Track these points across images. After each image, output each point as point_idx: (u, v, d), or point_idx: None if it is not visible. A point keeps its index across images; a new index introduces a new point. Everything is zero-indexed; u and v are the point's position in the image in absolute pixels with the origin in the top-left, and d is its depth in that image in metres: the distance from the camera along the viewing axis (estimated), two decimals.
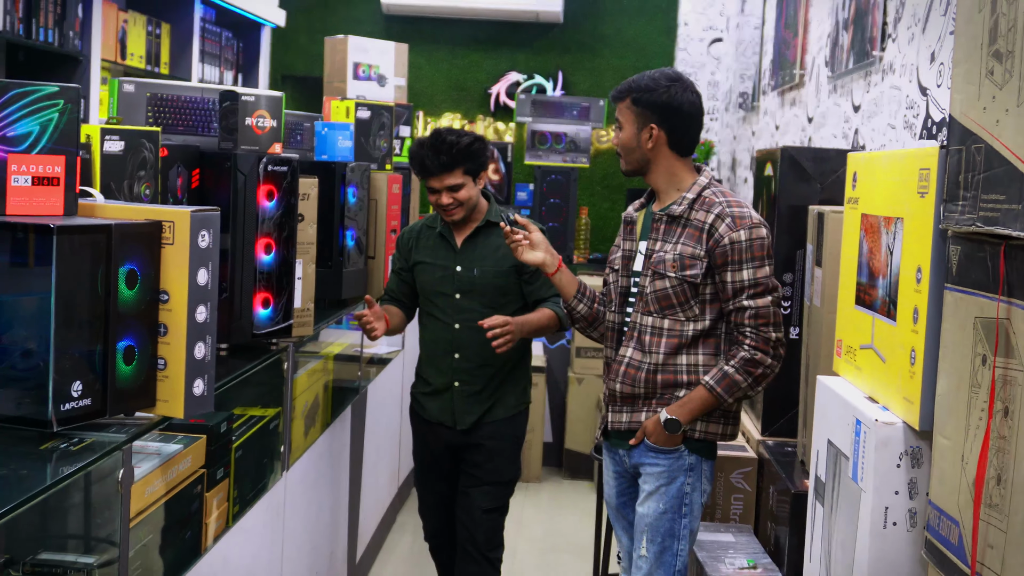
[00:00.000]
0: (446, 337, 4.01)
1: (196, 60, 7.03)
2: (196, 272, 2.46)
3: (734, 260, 3.13)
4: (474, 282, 3.97)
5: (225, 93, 3.48)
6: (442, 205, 3.91)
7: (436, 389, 4.06)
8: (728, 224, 3.14)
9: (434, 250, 4.05)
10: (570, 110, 7.73)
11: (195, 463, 2.88)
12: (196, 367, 2.49)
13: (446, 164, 3.84)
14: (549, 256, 3.46)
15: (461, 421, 4.02)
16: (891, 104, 3.85)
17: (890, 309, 2.47)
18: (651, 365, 3.21)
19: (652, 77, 3.24)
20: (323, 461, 4.15)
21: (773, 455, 3.68)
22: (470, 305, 3.97)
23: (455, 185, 3.88)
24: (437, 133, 3.89)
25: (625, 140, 3.28)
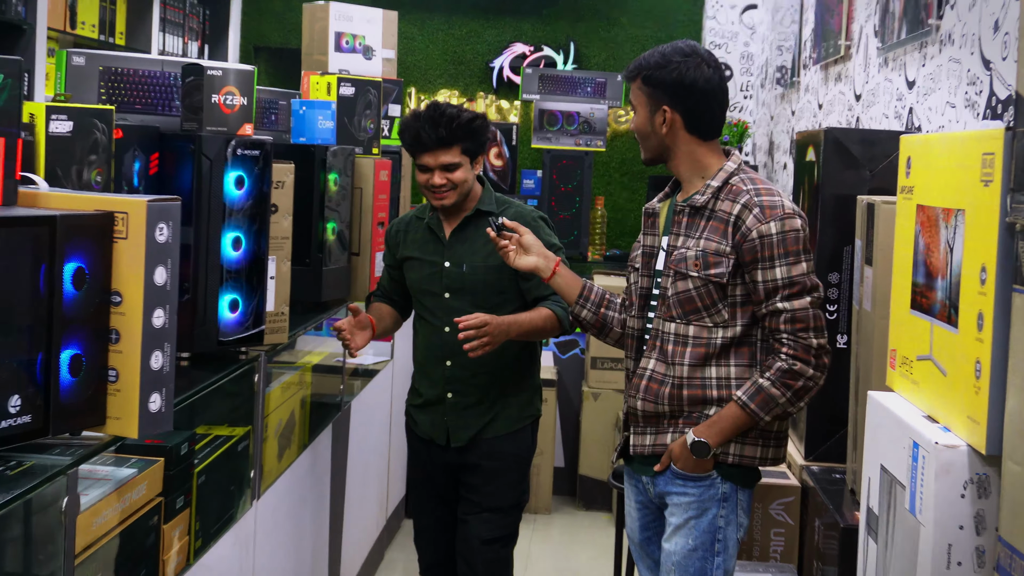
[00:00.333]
0: (436, 342, 4.03)
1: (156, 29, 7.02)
2: (153, 270, 2.45)
3: (765, 256, 3.12)
4: (464, 279, 4.00)
5: (189, 67, 3.47)
6: (433, 186, 3.92)
7: (428, 401, 4.07)
8: (756, 215, 3.14)
9: (422, 244, 4.07)
10: (583, 86, 7.71)
11: (151, 490, 2.86)
12: (153, 379, 2.48)
13: (444, 139, 3.86)
14: (543, 260, 3.49)
15: (456, 438, 4.03)
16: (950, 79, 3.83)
17: (951, 314, 2.46)
18: (675, 379, 3.20)
19: (662, 52, 3.25)
20: (300, 488, 4.14)
21: (819, 483, 3.66)
22: (460, 306, 3.96)
23: (451, 164, 3.90)
24: (436, 105, 3.92)
25: (639, 125, 3.30)
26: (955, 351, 2.43)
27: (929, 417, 2.55)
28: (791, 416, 3.27)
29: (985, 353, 2.28)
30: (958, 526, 2.34)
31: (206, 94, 3.43)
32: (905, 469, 2.51)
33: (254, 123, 3.57)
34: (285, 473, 3.94)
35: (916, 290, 2.69)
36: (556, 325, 3.91)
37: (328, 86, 5.00)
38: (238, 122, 3.50)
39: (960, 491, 2.33)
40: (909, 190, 2.77)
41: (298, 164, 3.93)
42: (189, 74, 3.46)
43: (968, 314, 2.37)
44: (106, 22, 6.65)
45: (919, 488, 2.42)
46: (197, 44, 7.72)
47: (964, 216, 2.42)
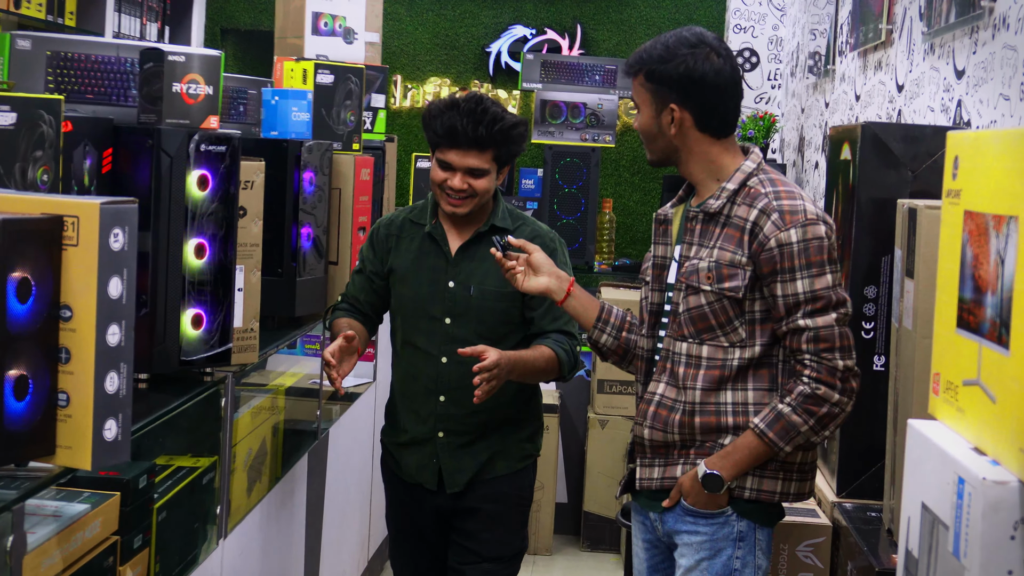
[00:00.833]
0: (429, 372, 3.93)
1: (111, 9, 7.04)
2: (107, 282, 2.46)
3: (785, 268, 3.14)
4: (470, 304, 3.91)
5: (147, 52, 3.49)
6: (452, 189, 3.83)
7: (414, 439, 3.98)
8: (775, 221, 3.15)
9: (420, 256, 3.96)
10: (591, 75, 7.74)
11: (106, 528, 2.87)
12: (107, 404, 2.49)
13: (481, 139, 3.79)
14: (555, 280, 3.48)
15: (451, 482, 3.97)
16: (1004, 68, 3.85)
17: (1001, 334, 2.47)
18: (686, 404, 3.21)
19: (665, 44, 3.26)
20: (271, 526, 4.15)
21: (852, 522, 3.67)
22: (463, 333, 3.89)
23: (479, 169, 3.83)
24: (479, 99, 3.83)
25: (644, 126, 3.31)
26: (1006, 375, 2.44)
27: (976, 449, 2.56)
28: (815, 446, 3.28)
29: None
30: (1007, 571, 2.35)
31: (166, 82, 3.44)
32: (949, 507, 2.52)
33: (220, 115, 3.58)
34: (255, 509, 3.95)
35: (963, 306, 2.70)
36: (556, 369, 3.87)
37: (304, 73, 5.02)
38: (202, 114, 3.51)
39: (1010, 532, 2.35)
40: (956, 194, 2.78)
41: (269, 161, 3.95)
42: (147, 60, 3.47)
43: (1021, 334, 2.38)
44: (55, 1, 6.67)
45: (964, 528, 2.43)
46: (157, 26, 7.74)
47: (1018, 224, 2.43)
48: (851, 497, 3.85)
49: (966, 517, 2.42)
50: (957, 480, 2.48)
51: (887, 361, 3.69)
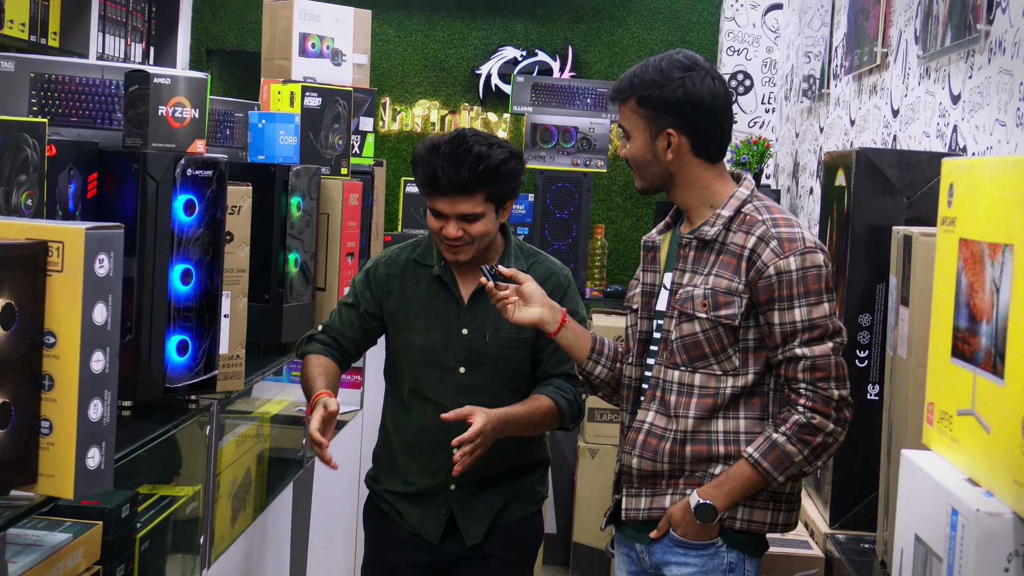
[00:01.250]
0: (441, 424, 3.65)
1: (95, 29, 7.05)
2: (92, 308, 2.47)
3: (783, 296, 3.16)
4: (485, 353, 3.77)
5: (132, 74, 3.50)
6: (447, 238, 3.68)
7: (421, 491, 3.82)
8: (774, 248, 3.17)
9: (428, 300, 3.81)
10: (582, 97, 7.77)
11: (88, 558, 2.88)
12: (91, 432, 2.49)
13: (466, 183, 3.60)
14: (548, 311, 3.43)
15: (470, 534, 3.82)
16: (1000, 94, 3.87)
17: (996, 363, 2.49)
18: (678, 433, 3.22)
19: (659, 67, 3.25)
20: (256, 556, 4.15)
21: (845, 554, 3.68)
22: (479, 383, 3.77)
23: (471, 215, 3.65)
24: (462, 137, 3.64)
25: (637, 153, 3.29)
26: (1000, 405, 2.46)
27: (971, 480, 2.58)
28: (807, 476, 3.30)
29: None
30: None
31: (152, 105, 3.44)
32: (942, 539, 2.53)
33: (206, 139, 3.59)
34: (239, 539, 3.95)
35: (957, 335, 2.71)
36: (556, 420, 3.75)
37: (291, 96, 5.03)
38: (188, 137, 3.52)
39: (1004, 564, 2.36)
40: (951, 221, 2.80)
41: (256, 186, 3.96)
42: (133, 82, 3.48)
43: (1016, 363, 2.39)
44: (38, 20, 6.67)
45: (958, 561, 2.45)
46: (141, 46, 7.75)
47: (1013, 252, 2.44)
48: (844, 528, 3.86)
49: (959, 549, 2.44)
50: (951, 511, 2.50)
51: (881, 390, 3.71)
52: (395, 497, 3.85)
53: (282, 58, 5.77)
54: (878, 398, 3.71)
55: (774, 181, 8.56)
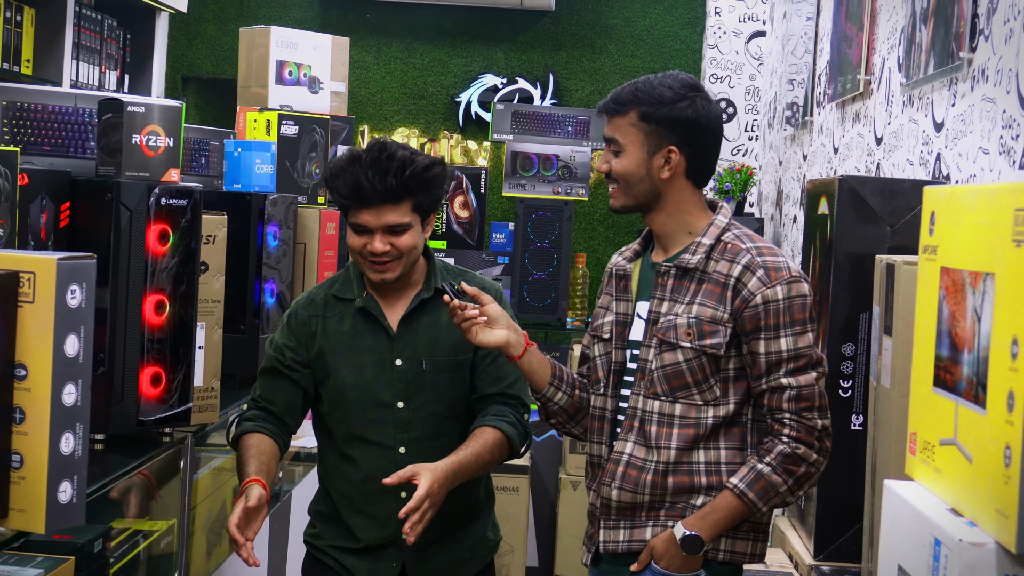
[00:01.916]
0: (386, 468, 3.48)
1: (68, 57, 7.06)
2: (63, 339, 2.48)
3: (769, 325, 3.16)
4: (424, 381, 3.57)
5: (106, 102, 3.50)
6: (373, 255, 3.47)
7: (371, 546, 3.59)
8: (760, 278, 3.18)
9: (355, 336, 3.59)
10: (563, 125, 7.78)
11: None
12: (62, 465, 2.49)
13: (392, 191, 3.42)
14: (514, 334, 3.36)
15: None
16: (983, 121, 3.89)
17: (978, 393, 2.50)
18: (659, 464, 3.22)
19: (667, 84, 3.25)
20: None
21: None
22: (419, 416, 3.57)
23: (399, 225, 3.46)
24: (382, 145, 3.48)
25: (630, 168, 3.27)
26: (983, 435, 2.47)
27: (953, 510, 2.59)
28: (788, 505, 3.31)
29: (1016, 437, 2.31)
30: None
31: (126, 134, 3.45)
32: (925, 569, 2.54)
33: (181, 167, 3.60)
34: (215, 573, 3.95)
35: (939, 365, 2.72)
36: (506, 450, 3.55)
37: (267, 124, 5.04)
38: (163, 166, 3.52)
39: None
40: (932, 250, 2.81)
41: (231, 215, 3.97)
42: (106, 110, 3.48)
43: (997, 393, 2.41)
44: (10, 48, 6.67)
45: None
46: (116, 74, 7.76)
47: (994, 281, 2.46)
48: (829, 560, 3.87)
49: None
50: (933, 542, 2.51)
51: (865, 420, 3.72)
52: (341, 552, 3.62)
53: (259, 86, 5.78)
54: (862, 428, 3.73)
55: (757, 209, 8.59)
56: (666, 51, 8.95)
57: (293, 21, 8.62)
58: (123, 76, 7.88)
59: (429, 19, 9.03)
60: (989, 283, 2.47)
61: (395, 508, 3.39)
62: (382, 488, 3.41)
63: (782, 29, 8.06)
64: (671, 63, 8.85)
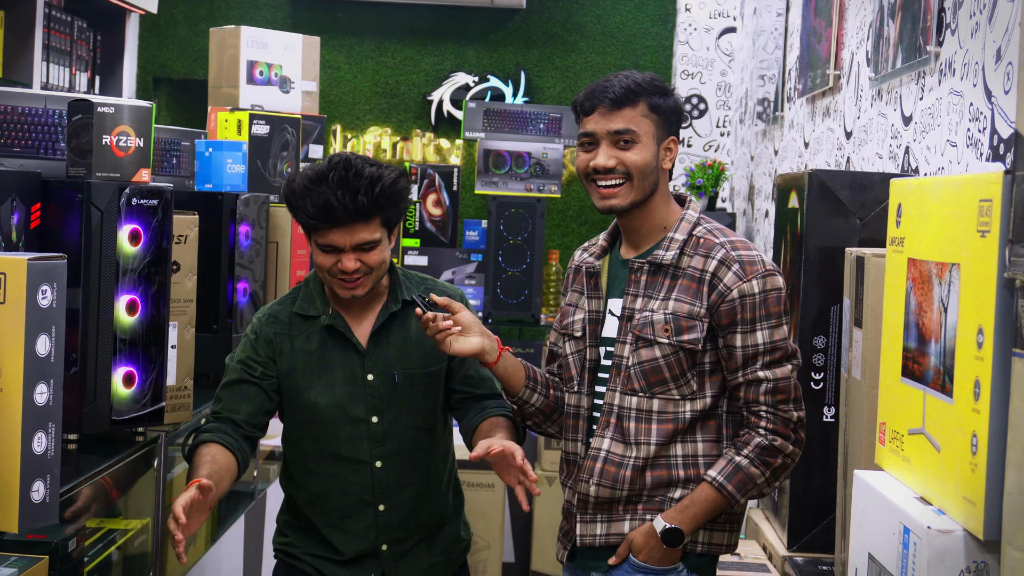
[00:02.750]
0: (363, 483, 3.53)
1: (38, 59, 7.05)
2: (35, 339, 2.48)
3: (745, 319, 3.18)
4: (397, 395, 3.55)
5: (76, 103, 3.50)
6: (344, 273, 3.42)
7: (351, 559, 3.58)
8: (736, 272, 3.19)
9: (322, 354, 3.54)
10: (535, 123, 7.79)
11: None
12: (35, 465, 2.50)
13: (363, 209, 3.36)
14: (487, 340, 3.35)
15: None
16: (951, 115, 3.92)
17: (945, 382, 2.52)
18: (638, 460, 3.23)
19: (653, 77, 3.29)
20: None
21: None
22: (394, 429, 3.55)
23: (370, 242, 3.41)
24: (347, 162, 3.40)
25: (647, 159, 3.24)
26: (950, 424, 2.49)
27: (922, 499, 2.61)
28: (764, 497, 3.33)
29: (982, 426, 2.34)
30: None
31: (96, 134, 3.44)
32: (895, 558, 2.56)
33: (152, 168, 3.60)
34: (190, 573, 3.95)
35: (907, 355, 2.75)
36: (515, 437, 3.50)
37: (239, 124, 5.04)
38: (133, 167, 3.52)
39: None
40: (900, 241, 2.83)
41: (203, 215, 3.97)
42: (76, 111, 3.48)
43: (964, 382, 2.43)
44: None
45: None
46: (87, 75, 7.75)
47: (959, 271, 2.48)
48: (802, 551, 3.89)
49: (912, 567, 2.47)
50: (902, 530, 2.53)
51: (837, 412, 3.73)
52: (320, 561, 3.60)
53: (229, 86, 5.78)
54: (834, 420, 3.74)
55: (730, 204, 8.61)
56: (637, 48, 8.96)
57: (264, 21, 8.62)
58: (94, 77, 7.87)
59: (400, 18, 9.03)
60: (955, 274, 2.49)
61: (372, 522, 3.50)
62: (359, 499, 3.49)
63: (752, 25, 8.08)
64: (642, 60, 8.87)
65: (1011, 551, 2.20)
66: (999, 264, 2.29)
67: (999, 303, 2.29)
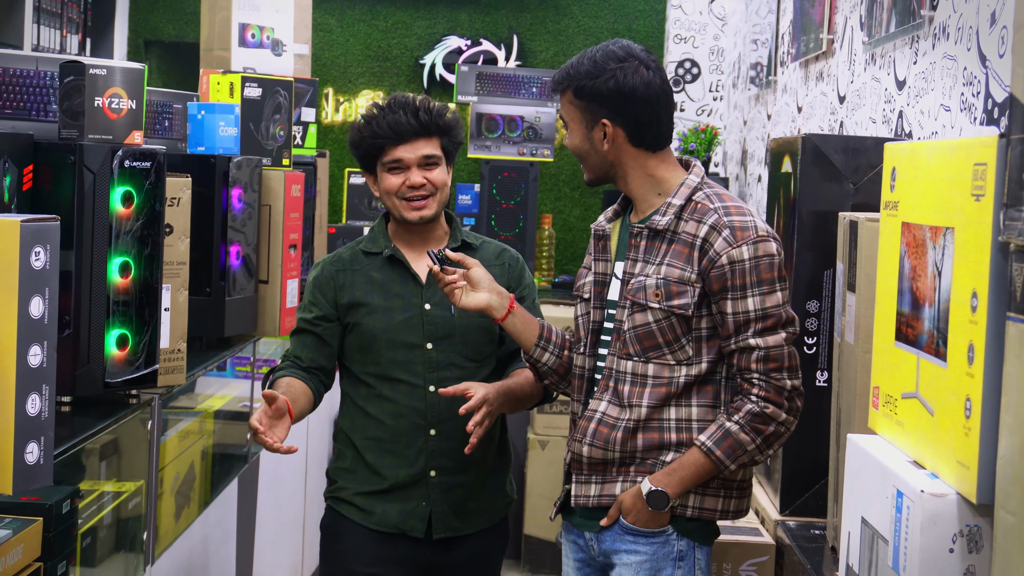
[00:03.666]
0: (416, 407, 3.70)
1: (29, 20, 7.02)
2: (28, 302, 2.48)
3: (735, 285, 3.18)
4: (453, 325, 3.73)
5: (67, 65, 3.49)
6: (412, 188, 3.68)
7: (397, 485, 3.71)
8: (726, 237, 3.19)
9: (385, 284, 3.75)
10: (528, 87, 7.78)
11: (28, 554, 2.88)
12: (28, 427, 2.50)
13: (427, 125, 3.69)
14: (496, 297, 3.45)
15: (440, 527, 3.73)
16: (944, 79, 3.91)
17: (939, 346, 2.52)
18: (630, 422, 3.24)
19: (593, 59, 3.28)
20: (201, 553, 4.15)
21: (796, 540, 3.71)
22: (448, 358, 3.72)
23: (433, 157, 3.71)
24: (403, 95, 3.76)
25: (576, 143, 3.34)
26: (943, 387, 2.49)
27: (915, 462, 2.62)
28: (757, 464, 3.33)
29: (976, 389, 2.34)
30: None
31: (88, 96, 3.44)
32: (888, 522, 2.57)
33: (144, 130, 3.59)
34: (183, 535, 3.96)
35: (901, 319, 2.75)
36: (541, 392, 3.73)
37: (231, 87, 5.03)
38: (125, 129, 3.52)
39: (948, 545, 2.39)
40: (894, 205, 2.83)
41: (195, 178, 3.97)
42: (68, 73, 3.47)
43: (957, 346, 2.43)
44: None
45: (903, 543, 2.48)
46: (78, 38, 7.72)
47: (953, 235, 2.48)
48: (795, 515, 3.90)
49: (905, 531, 2.47)
50: (896, 494, 2.53)
51: (830, 376, 3.74)
52: (367, 498, 3.73)
53: (221, 49, 5.77)
54: (827, 384, 3.75)
55: (723, 169, 8.61)
56: (629, 12, 8.94)
57: None
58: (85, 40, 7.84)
59: None
60: (949, 237, 2.49)
61: (424, 447, 3.69)
62: (412, 423, 3.68)
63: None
64: (635, 24, 8.85)
65: (1004, 515, 2.21)
66: (993, 228, 2.29)
67: (993, 267, 2.29)
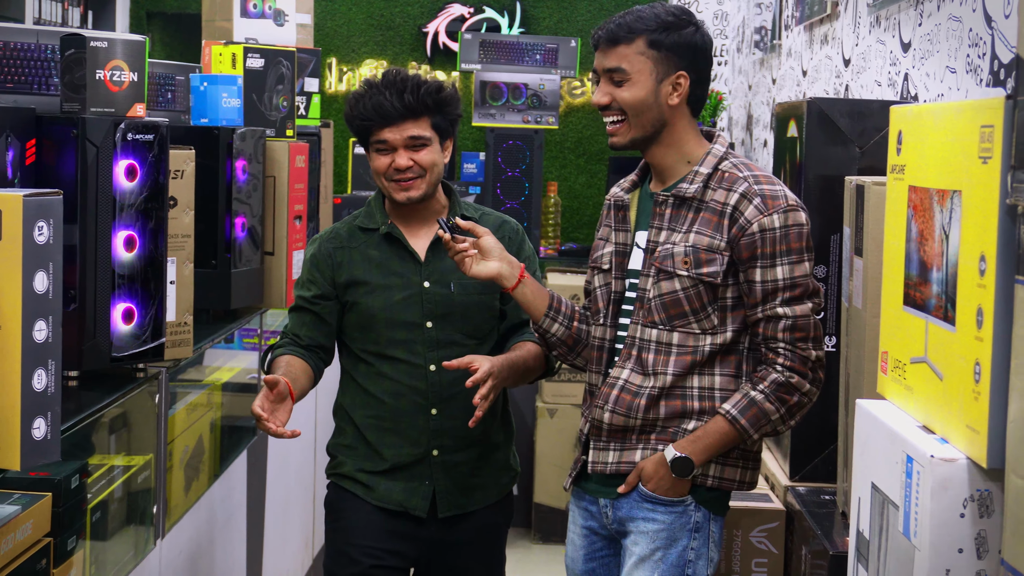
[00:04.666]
0: (416, 386, 3.67)
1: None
2: (32, 276, 2.47)
3: (765, 253, 3.17)
4: (452, 303, 3.70)
5: (68, 38, 3.48)
6: (396, 170, 3.61)
7: (399, 464, 3.69)
8: (757, 206, 3.18)
9: (383, 262, 3.71)
10: (532, 54, 7.77)
11: (38, 530, 2.88)
12: (35, 402, 2.50)
13: (412, 107, 3.60)
14: (507, 266, 3.41)
15: (445, 506, 3.72)
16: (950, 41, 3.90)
17: (947, 310, 2.52)
18: (654, 389, 3.23)
19: (669, 11, 3.26)
20: (211, 525, 4.16)
21: (806, 506, 3.72)
22: (448, 336, 3.70)
23: (419, 138, 3.62)
24: (396, 70, 3.68)
25: (640, 95, 3.25)
26: (952, 352, 2.49)
27: (925, 427, 2.61)
28: (779, 435, 3.33)
29: (985, 353, 2.34)
30: (957, 549, 2.39)
31: (90, 69, 3.44)
32: (898, 487, 2.57)
33: (147, 102, 3.59)
34: (193, 508, 3.96)
35: (909, 284, 2.74)
36: (543, 363, 3.71)
37: (233, 58, 5.02)
38: (128, 101, 3.51)
39: (959, 510, 2.39)
40: (900, 169, 2.83)
41: (199, 150, 3.97)
42: (69, 46, 3.47)
43: (966, 310, 2.43)
44: None
45: (914, 508, 2.48)
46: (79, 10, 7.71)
47: (960, 198, 2.47)
48: (804, 481, 3.90)
49: (915, 496, 2.47)
50: (906, 459, 2.53)
51: (838, 342, 3.74)
52: (371, 476, 3.70)
53: (223, 19, 5.74)
54: (835, 350, 3.75)
55: (728, 134, 8.59)
56: None
57: None
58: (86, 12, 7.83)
59: None
60: (956, 200, 2.48)
61: (425, 427, 3.65)
62: (413, 402, 3.66)
63: None
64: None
65: (1015, 479, 2.21)
66: (1001, 190, 2.28)
67: (1001, 230, 2.29)
